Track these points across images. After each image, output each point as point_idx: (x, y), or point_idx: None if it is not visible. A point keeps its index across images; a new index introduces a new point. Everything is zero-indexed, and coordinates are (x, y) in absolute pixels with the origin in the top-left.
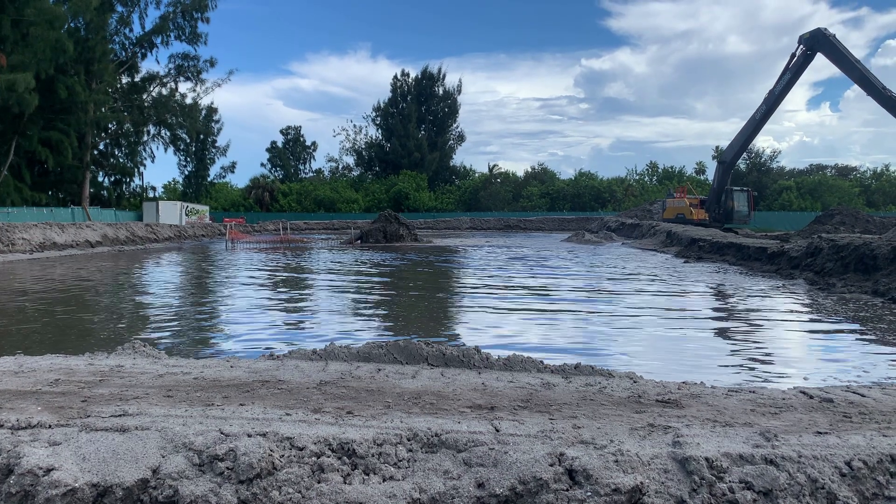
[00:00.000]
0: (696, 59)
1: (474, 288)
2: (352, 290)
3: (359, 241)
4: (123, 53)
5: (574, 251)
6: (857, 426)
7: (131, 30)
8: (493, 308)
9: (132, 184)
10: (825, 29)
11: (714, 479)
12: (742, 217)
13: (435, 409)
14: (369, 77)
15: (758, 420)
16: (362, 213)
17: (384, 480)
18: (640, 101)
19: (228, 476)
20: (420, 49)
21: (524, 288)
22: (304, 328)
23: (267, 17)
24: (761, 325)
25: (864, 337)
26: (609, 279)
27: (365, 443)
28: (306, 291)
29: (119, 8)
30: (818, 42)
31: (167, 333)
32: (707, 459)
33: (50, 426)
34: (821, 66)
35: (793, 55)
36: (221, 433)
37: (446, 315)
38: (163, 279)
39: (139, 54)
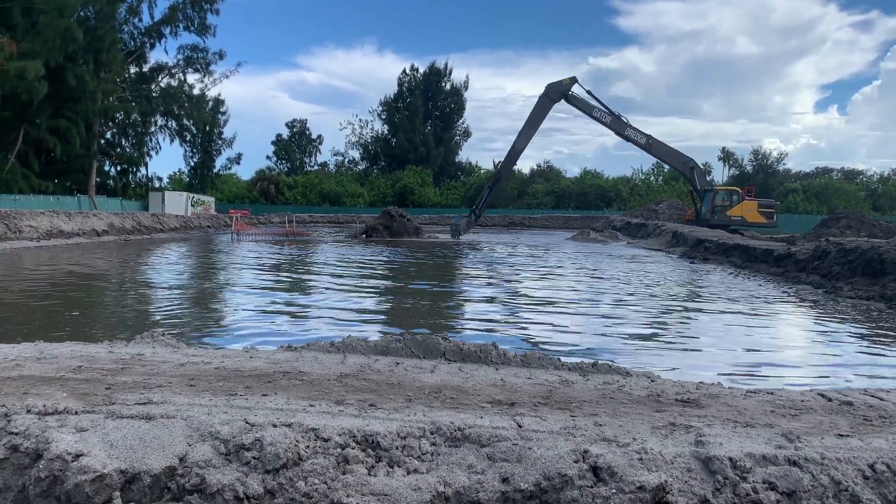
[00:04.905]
0: (704, 60)
1: (479, 285)
2: (358, 283)
3: (364, 236)
4: (132, 43)
5: (580, 250)
6: (878, 429)
7: (140, 20)
8: (497, 304)
9: (138, 174)
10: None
11: (738, 479)
12: (703, 218)
13: (456, 403)
14: (375, 71)
15: (778, 421)
16: (367, 207)
17: (409, 473)
18: (647, 101)
19: (255, 466)
20: (426, 44)
21: (531, 286)
22: (312, 320)
23: (273, 10)
24: (769, 328)
25: (875, 341)
26: (615, 278)
27: (389, 435)
28: (313, 284)
29: None
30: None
31: (180, 323)
32: (731, 459)
33: (76, 412)
34: (829, 69)
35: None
36: (247, 423)
37: (451, 311)
38: (172, 269)
39: (148, 44)
